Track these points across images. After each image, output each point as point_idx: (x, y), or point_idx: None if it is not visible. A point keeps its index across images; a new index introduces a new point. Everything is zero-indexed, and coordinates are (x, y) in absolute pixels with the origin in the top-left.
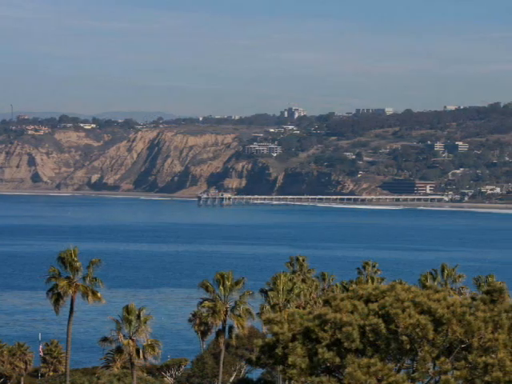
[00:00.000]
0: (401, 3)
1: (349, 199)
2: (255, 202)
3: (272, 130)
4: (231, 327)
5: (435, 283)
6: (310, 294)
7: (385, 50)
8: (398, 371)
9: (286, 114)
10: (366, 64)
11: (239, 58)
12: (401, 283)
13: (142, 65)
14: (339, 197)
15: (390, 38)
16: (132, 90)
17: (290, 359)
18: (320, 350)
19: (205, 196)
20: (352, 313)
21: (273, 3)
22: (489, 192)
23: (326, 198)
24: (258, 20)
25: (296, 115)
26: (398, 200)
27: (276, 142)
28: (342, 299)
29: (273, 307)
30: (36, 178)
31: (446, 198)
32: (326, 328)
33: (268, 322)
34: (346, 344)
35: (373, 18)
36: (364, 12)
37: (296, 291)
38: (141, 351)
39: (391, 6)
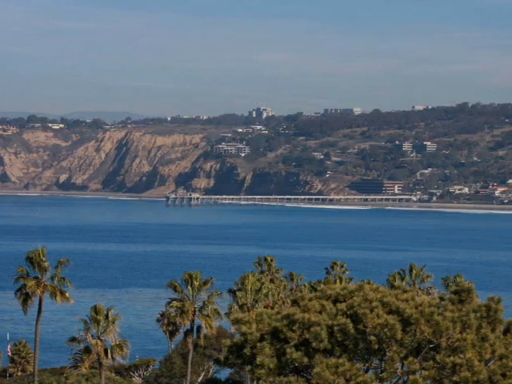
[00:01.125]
0: (365, 3)
1: (317, 199)
2: (223, 201)
3: (240, 130)
4: (199, 327)
5: (403, 283)
6: (279, 294)
7: (351, 50)
8: (366, 371)
9: (254, 114)
10: (333, 64)
11: (204, 58)
12: (369, 283)
13: (108, 65)
14: (307, 197)
15: (356, 38)
16: (100, 90)
17: (258, 359)
18: (288, 350)
19: (173, 196)
20: (320, 313)
21: (238, 3)
22: (457, 192)
23: (295, 198)
24: (223, 20)
25: (264, 115)
26: (366, 200)
27: (244, 142)
28: (311, 299)
29: (241, 307)
30: (4, 177)
31: (415, 198)
32: (294, 328)
33: (236, 322)
34: (314, 344)
35: (338, 18)
36: (329, 12)
37: (264, 291)
38: (109, 351)
39: (356, 5)
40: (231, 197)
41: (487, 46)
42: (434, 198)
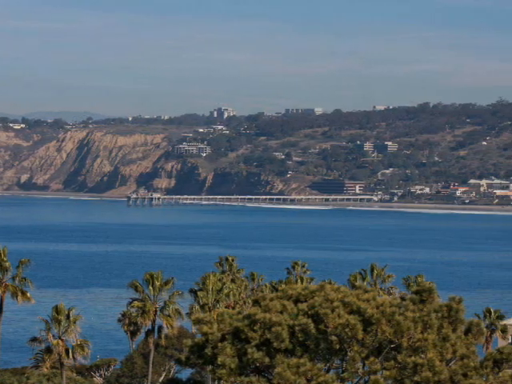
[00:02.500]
0: (325, 3)
1: (278, 199)
2: (185, 202)
3: (201, 130)
4: (160, 327)
5: (364, 283)
6: (240, 294)
7: (311, 50)
8: (328, 371)
9: (215, 114)
10: (294, 64)
11: (164, 58)
12: (330, 283)
13: (68, 65)
14: (268, 197)
15: (316, 38)
16: (60, 90)
17: (220, 359)
18: (249, 350)
19: (134, 196)
20: (281, 313)
21: (197, 3)
22: (418, 192)
23: (256, 198)
24: (183, 20)
25: (225, 115)
26: (327, 200)
27: (205, 142)
28: (272, 299)
29: (202, 307)
30: None
31: (376, 198)
32: (255, 328)
33: (197, 322)
34: (275, 344)
35: (298, 19)
36: (289, 12)
37: (225, 291)
38: (70, 351)
39: (316, 6)
40: (192, 197)
41: (447, 46)
42: (395, 198)
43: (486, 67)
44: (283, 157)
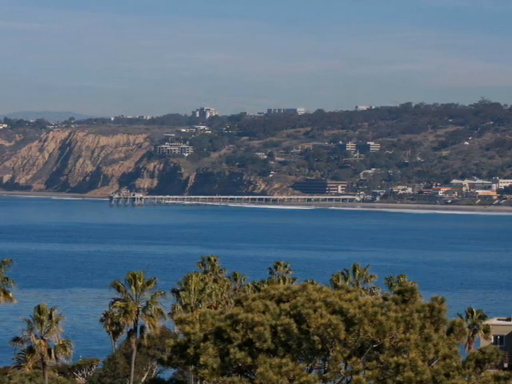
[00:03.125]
0: (307, 3)
1: (260, 199)
2: (167, 202)
3: (184, 130)
4: (143, 327)
5: (347, 283)
6: (222, 294)
7: (293, 50)
8: (310, 371)
9: (197, 114)
10: (275, 64)
11: (147, 58)
12: (312, 283)
13: (50, 65)
14: (251, 197)
15: (298, 37)
16: (43, 91)
17: (202, 359)
18: (232, 350)
19: (116, 196)
20: (264, 313)
21: (179, 3)
22: (400, 192)
23: (238, 198)
24: (166, 20)
25: (208, 115)
26: (309, 200)
27: (188, 142)
28: (254, 299)
29: (184, 307)
30: None
31: (358, 198)
32: (237, 328)
33: (180, 321)
34: (257, 344)
35: (280, 19)
36: (271, 12)
37: (208, 291)
38: (52, 351)
39: (298, 5)
40: (175, 197)
41: (429, 46)
42: (378, 198)
43: (469, 67)
44: (265, 157)
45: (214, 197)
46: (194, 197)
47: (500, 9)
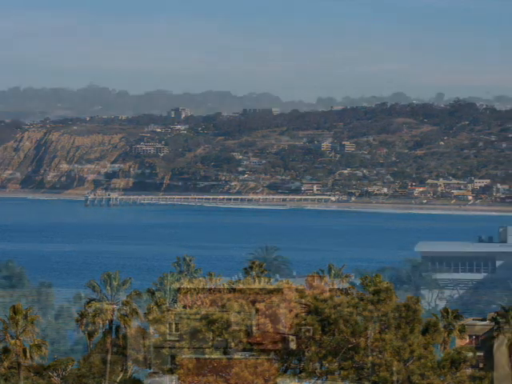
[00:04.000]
0: (281, 3)
1: (236, 199)
2: (142, 201)
3: (159, 130)
4: (118, 327)
5: (322, 283)
6: (197, 295)
7: (267, 51)
8: (285, 371)
9: (172, 114)
10: (251, 63)
11: (122, 57)
12: (288, 283)
13: (25, 65)
14: (226, 197)
15: (272, 38)
16: (17, 90)
17: (177, 359)
18: (207, 350)
19: (92, 196)
20: (239, 313)
21: (154, 2)
22: (375, 192)
23: (213, 198)
24: (140, 19)
25: (183, 115)
26: (284, 200)
27: (163, 142)
28: (229, 299)
29: (160, 307)
30: None
31: (333, 198)
32: (213, 328)
33: (155, 322)
34: (232, 344)
35: (256, 18)
36: (247, 11)
37: (183, 291)
38: (28, 351)
39: (273, 5)
40: (150, 197)
41: (404, 46)
42: (353, 198)
43: (443, 67)
44: (241, 157)
45: (190, 197)
46: (169, 197)
47: (476, 7)
